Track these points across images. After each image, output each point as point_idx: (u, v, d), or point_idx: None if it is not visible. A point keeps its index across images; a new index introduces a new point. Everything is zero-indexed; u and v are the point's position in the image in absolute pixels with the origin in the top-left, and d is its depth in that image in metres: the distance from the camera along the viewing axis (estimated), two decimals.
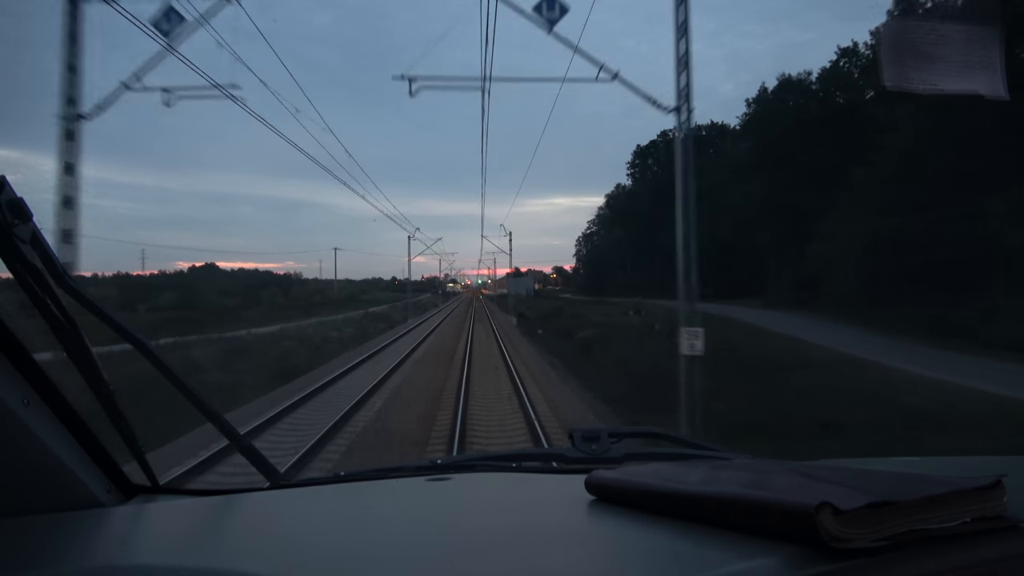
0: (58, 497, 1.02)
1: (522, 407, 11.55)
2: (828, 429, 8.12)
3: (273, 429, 10.22)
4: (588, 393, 13.33)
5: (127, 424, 1.15)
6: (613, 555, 0.82)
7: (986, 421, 8.83)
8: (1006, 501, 0.75)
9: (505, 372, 16.64)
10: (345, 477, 1.38)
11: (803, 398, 10.27)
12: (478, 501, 1.21)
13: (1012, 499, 0.76)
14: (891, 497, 0.70)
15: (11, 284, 0.94)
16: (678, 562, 0.76)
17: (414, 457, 8.25)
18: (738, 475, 0.90)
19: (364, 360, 18.81)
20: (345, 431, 10.06)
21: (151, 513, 1.11)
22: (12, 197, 0.89)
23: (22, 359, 0.95)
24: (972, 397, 10.84)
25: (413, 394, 13.35)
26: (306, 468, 7.86)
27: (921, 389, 11.39)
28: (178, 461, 7.62)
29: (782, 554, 0.69)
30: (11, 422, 0.92)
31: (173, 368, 1.17)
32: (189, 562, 0.83)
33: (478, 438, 9.70)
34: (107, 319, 1.08)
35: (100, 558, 0.90)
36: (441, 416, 11.11)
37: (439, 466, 1.41)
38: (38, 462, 0.98)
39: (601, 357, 17.59)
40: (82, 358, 1.04)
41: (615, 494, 0.98)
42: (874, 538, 0.68)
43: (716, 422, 8.55)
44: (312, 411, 11.63)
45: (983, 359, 14.92)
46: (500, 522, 1.01)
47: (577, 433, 1.47)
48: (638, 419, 9.75)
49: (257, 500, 1.21)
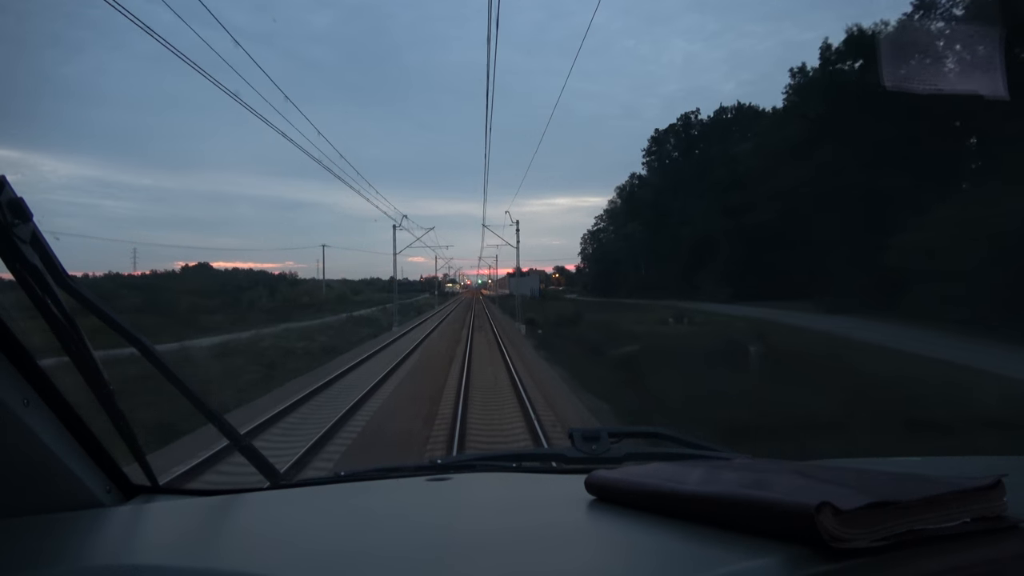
0: (58, 497, 1.02)
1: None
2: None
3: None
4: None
5: (127, 424, 1.15)
6: (613, 555, 0.82)
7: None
8: (1006, 501, 0.76)
9: (524, 423, 9.91)
10: (345, 477, 1.38)
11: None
12: (478, 501, 1.21)
13: (1012, 499, 0.76)
14: (891, 497, 0.70)
15: (11, 284, 0.94)
16: (678, 562, 0.76)
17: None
18: (738, 475, 0.90)
19: (300, 402, 11.61)
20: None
21: (151, 513, 1.11)
22: (12, 197, 0.89)
23: (22, 359, 0.95)
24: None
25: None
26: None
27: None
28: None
29: (782, 554, 0.69)
30: (11, 422, 0.92)
31: (174, 369, 1.17)
32: (189, 562, 0.83)
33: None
34: (107, 319, 1.08)
35: (100, 558, 0.90)
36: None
37: (439, 466, 1.41)
38: (38, 462, 0.98)
39: (667, 390, 10.60)
40: (82, 358, 1.04)
41: (615, 494, 0.98)
42: (874, 538, 0.68)
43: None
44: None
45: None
46: (500, 522, 1.01)
47: (577, 433, 1.47)
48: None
49: (257, 500, 1.21)
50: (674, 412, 9.05)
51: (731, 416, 7.88)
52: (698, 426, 7.60)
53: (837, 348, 15.48)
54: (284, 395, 12.42)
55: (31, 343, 0.97)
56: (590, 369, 14.98)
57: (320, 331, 27.41)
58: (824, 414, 8.02)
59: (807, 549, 0.68)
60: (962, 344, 14.86)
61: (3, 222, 0.87)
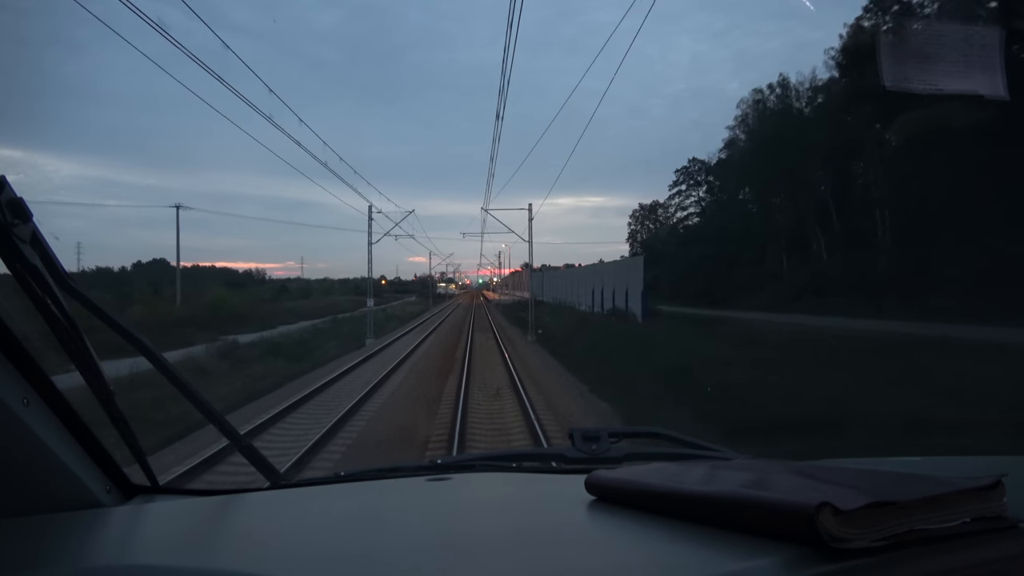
0: (58, 497, 1.02)
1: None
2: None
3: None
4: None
5: (127, 424, 1.15)
6: (613, 555, 0.82)
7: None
8: (1006, 501, 0.76)
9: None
10: (345, 477, 1.38)
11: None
12: (478, 501, 1.21)
13: (1012, 499, 0.76)
14: (891, 497, 0.70)
15: (11, 284, 0.94)
16: (678, 562, 0.76)
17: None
18: (738, 475, 0.90)
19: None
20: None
21: (151, 513, 1.11)
22: (12, 197, 0.89)
23: (22, 359, 0.95)
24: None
25: None
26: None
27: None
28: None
29: (782, 554, 0.69)
30: (11, 422, 0.92)
31: (175, 369, 1.17)
32: (189, 562, 0.83)
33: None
34: (107, 319, 1.08)
35: (100, 558, 0.90)
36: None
37: (439, 466, 1.41)
38: (38, 462, 0.98)
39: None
40: (82, 358, 1.04)
41: (615, 494, 0.98)
42: (874, 538, 0.68)
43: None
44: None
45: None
46: (500, 522, 1.01)
47: (577, 433, 1.47)
48: None
49: (257, 500, 1.21)
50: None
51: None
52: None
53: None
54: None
55: (31, 343, 0.97)
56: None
57: (214, 362, 16.06)
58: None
59: (807, 549, 0.68)
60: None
61: (3, 222, 0.87)
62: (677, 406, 9.81)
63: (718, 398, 9.92)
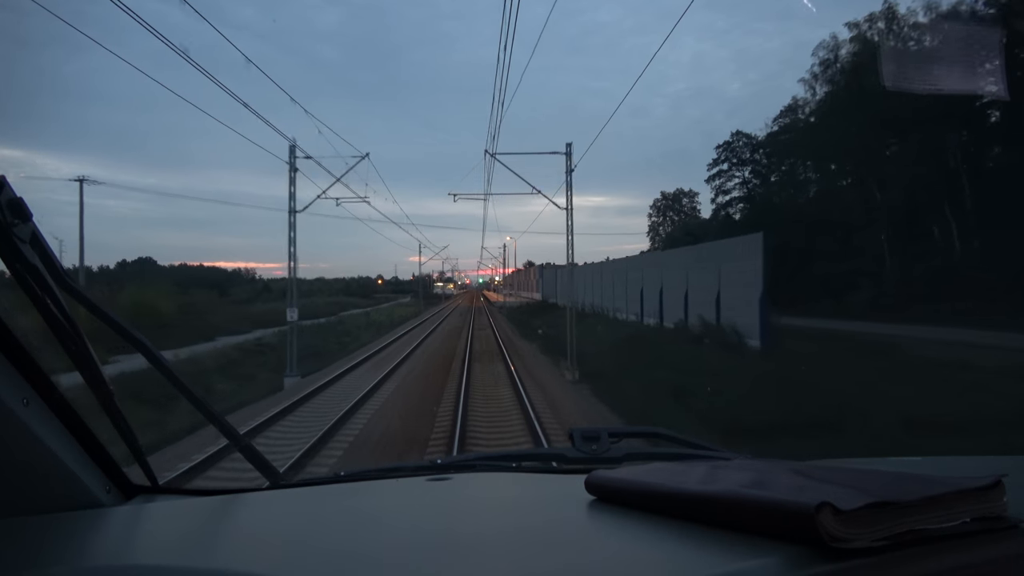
0: (58, 497, 1.02)
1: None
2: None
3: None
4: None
5: (127, 424, 1.15)
6: (613, 555, 0.82)
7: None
8: (1006, 501, 0.76)
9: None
10: (345, 477, 1.38)
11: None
12: (478, 501, 1.21)
13: (1012, 499, 0.76)
14: (891, 497, 0.70)
15: (11, 284, 0.94)
16: (678, 562, 0.76)
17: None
18: (738, 475, 0.90)
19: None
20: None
21: (151, 513, 1.11)
22: (12, 197, 0.89)
23: (22, 359, 0.95)
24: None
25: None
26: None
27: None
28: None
29: (782, 554, 0.69)
30: (11, 422, 0.92)
31: (175, 369, 1.17)
32: (189, 562, 0.83)
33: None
34: (107, 319, 1.08)
35: (100, 558, 0.90)
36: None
37: (439, 466, 1.41)
38: (38, 462, 0.98)
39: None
40: (82, 358, 1.04)
41: (615, 494, 0.98)
42: (874, 538, 0.68)
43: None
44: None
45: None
46: (500, 522, 1.01)
47: (577, 433, 1.46)
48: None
49: (257, 500, 1.21)
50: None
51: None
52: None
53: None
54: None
55: (31, 343, 0.97)
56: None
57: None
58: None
59: (807, 549, 0.68)
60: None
61: (3, 222, 0.87)
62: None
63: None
